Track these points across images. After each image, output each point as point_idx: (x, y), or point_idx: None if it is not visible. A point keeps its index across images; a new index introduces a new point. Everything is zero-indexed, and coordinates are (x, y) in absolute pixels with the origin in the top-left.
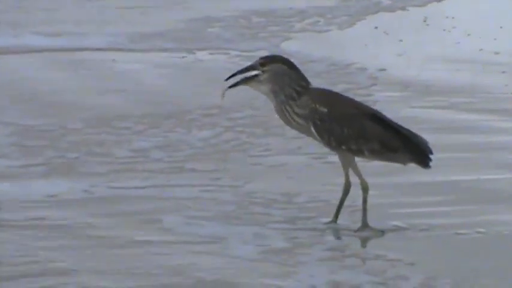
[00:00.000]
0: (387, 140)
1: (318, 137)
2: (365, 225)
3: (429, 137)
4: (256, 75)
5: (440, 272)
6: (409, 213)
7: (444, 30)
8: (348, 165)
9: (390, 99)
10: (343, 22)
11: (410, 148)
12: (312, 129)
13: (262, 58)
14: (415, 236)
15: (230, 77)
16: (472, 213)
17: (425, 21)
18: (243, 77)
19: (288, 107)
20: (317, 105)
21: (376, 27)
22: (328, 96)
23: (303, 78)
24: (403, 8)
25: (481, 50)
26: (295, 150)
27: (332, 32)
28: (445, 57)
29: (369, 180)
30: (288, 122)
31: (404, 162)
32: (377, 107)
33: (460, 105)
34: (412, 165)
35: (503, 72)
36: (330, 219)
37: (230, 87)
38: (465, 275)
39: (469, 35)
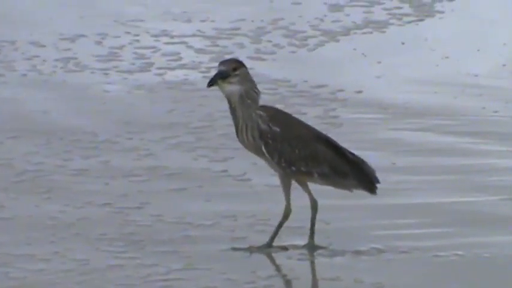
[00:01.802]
0: (337, 165)
1: (269, 157)
2: (312, 245)
3: (407, 159)
4: (227, 78)
5: None
6: (388, 235)
7: (422, 52)
8: (288, 187)
9: (367, 122)
10: (315, 43)
11: (358, 175)
12: (263, 148)
13: (232, 62)
14: (394, 258)
15: (211, 82)
16: (451, 236)
17: (403, 43)
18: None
19: (254, 115)
20: (270, 124)
21: (354, 49)
22: (281, 116)
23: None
24: (380, 30)
25: (459, 72)
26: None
27: (303, 54)
28: (423, 79)
29: (346, 201)
30: (244, 137)
31: (350, 189)
32: (354, 129)
33: (438, 127)
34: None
35: (481, 94)
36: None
37: (209, 86)
38: None
39: (447, 57)
